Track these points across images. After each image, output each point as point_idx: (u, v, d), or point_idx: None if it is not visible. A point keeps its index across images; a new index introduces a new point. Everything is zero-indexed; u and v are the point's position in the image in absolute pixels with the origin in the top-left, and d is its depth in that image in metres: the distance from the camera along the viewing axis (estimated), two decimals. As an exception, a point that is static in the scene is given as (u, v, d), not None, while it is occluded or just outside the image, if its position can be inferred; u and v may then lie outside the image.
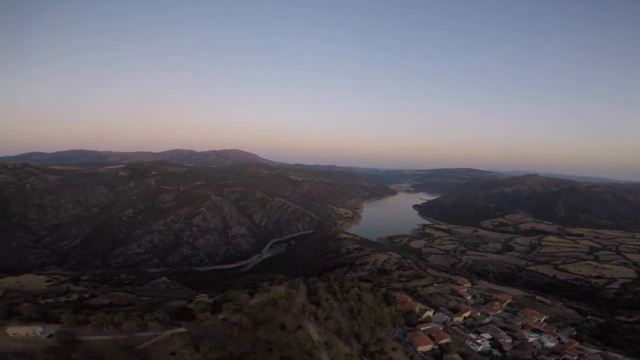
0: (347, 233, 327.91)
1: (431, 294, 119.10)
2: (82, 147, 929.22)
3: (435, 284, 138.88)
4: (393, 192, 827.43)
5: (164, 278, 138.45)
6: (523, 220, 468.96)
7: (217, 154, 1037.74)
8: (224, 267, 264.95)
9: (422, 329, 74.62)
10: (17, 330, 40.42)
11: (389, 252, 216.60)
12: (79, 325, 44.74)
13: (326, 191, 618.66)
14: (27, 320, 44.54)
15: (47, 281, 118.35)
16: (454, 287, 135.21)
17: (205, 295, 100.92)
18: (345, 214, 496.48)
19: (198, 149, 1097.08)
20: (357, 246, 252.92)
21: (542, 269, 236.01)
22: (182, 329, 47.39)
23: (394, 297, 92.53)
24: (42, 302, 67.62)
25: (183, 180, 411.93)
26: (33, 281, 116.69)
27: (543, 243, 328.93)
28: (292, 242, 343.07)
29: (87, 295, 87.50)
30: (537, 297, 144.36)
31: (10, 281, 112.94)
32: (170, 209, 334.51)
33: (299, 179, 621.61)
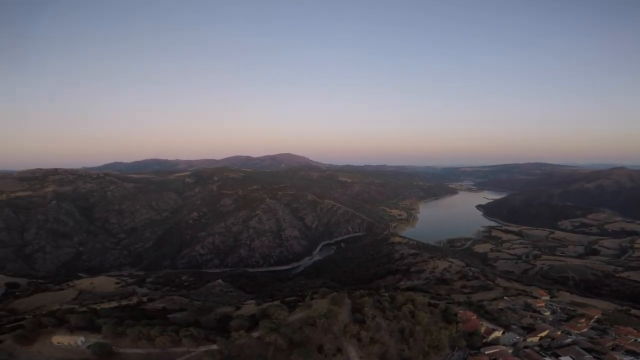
0: (401, 236, 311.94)
1: (501, 309, 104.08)
2: (155, 157, 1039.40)
3: (505, 297, 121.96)
4: (453, 191, 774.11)
5: (219, 280, 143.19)
6: (610, 220, 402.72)
7: (272, 158, 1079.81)
8: (277, 268, 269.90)
9: (486, 352, 63.59)
10: (61, 340, 41.69)
11: (450, 259, 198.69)
12: (117, 337, 45.04)
13: (377, 192, 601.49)
14: (74, 329, 46.06)
15: (117, 283, 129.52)
16: (528, 300, 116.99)
17: (252, 302, 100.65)
18: (399, 215, 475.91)
19: (255, 155, 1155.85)
20: (412, 251, 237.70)
21: (636, 275, 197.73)
22: (214, 347, 45.08)
23: (455, 315, 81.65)
24: (98, 307, 72.04)
25: (241, 184, 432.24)
26: (105, 283, 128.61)
27: (636, 245, 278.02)
28: (342, 244, 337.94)
29: (145, 299, 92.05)
30: (633, 311, 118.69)
31: (85, 283, 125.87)
32: (230, 212, 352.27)
33: (349, 180, 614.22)
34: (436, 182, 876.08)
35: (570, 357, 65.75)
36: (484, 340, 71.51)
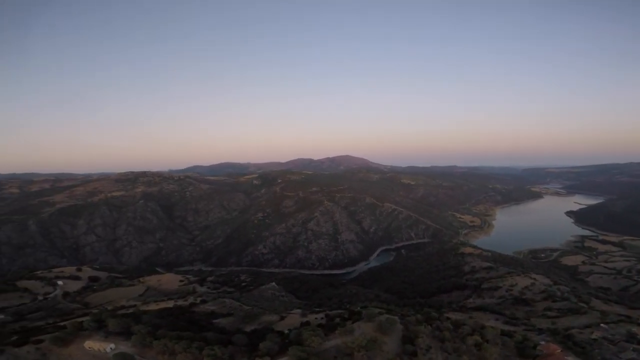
0: (473, 246, 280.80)
1: (595, 339, 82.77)
2: (229, 160, 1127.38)
3: (602, 324, 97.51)
4: (537, 196, 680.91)
5: (272, 284, 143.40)
6: None
7: (331, 160, 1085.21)
8: (332, 272, 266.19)
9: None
10: (92, 345, 41.84)
11: (533, 276, 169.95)
12: (145, 347, 43.97)
13: (446, 195, 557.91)
14: (109, 335, 46.34)
15: (180, 281, 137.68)
16: (633, 329, 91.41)
17: (299, 311, 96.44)
18: (471, 222, 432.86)
19: (315, 157, 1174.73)
20: (486, 264, 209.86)
21: None
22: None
23: (534, 347, 66.03)
24: (148, 307, 74.63)
25: (302, 187, 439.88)
26: (170, 280, 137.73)
27: None
28: (402, 251, 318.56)
29: (198, 301, 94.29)
30: None
31: (153, 280, 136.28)
32: (291, 213, 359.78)
33: (412, 183, 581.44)
34: (516, 184, 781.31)
35: None
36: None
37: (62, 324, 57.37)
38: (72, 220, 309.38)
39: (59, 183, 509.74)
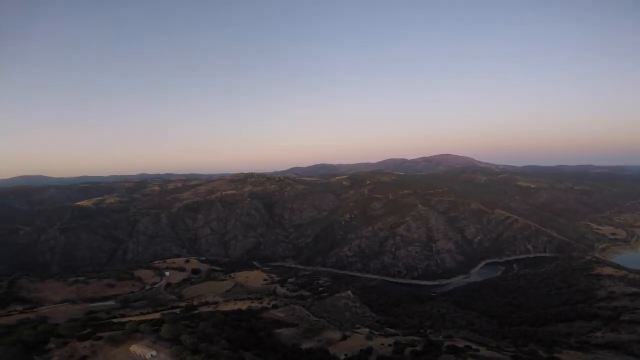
0: (614, 266, 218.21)
1: None
2: (323, 162, 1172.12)
3: None
4: None
5: (348, 293, 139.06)
6: None
7: (427, 160, 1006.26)
8: (421, 283, 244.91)
9: None
10: (136, 350, 45.36)
11: None
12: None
13: (578, 202, 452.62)
14: (159, 341, 49.96)
15: (265, 280, 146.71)
16: None
17: (365, 331, 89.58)
18: (613, 234, 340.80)
19: (409, 157, 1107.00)
20: (631, 290, 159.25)
21: None
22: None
23: None
24: (216, 309, 79.30)
25: (392, 189, 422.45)
26: (257, 278, 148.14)
27: None
28: (514, 266, 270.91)
29: (269, 306, 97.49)
30: None
31: (242, 276, 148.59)
32: (379, 216, 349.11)
33: (532, 186, 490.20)
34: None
35: None
36: None
37: (126, 321, 65.78)
38: (193, 215, 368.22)
39: (188, 182, 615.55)
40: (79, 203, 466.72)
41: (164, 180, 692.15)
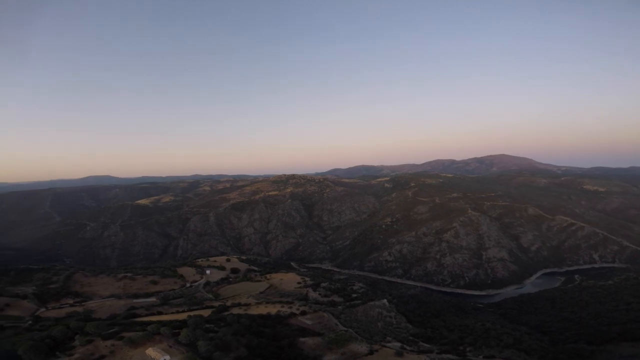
0: None
1: None
2: (363, 163, 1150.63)
3: None
4: None
5: (384, 301, 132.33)
6: None
7: (479, 161, 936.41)
8: (467, 292, 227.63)
9: None
10: (151, 353, 45.64)
11: None
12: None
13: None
14: (176, 345, 50.15)
15: (298, 283, 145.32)
16: None
17: (396, 346, 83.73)
18: None
19: (458, 157, 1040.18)
20: None
21: None
22: None
23: None
24: (244, 311, 78.98)
25: (439, 191, 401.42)
26: (290, 280, 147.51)
27: None
28: (575, 276, 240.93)
29: (298, 312, 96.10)
30: None
31: (277, 278, 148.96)
32: (423, 221, 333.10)
33: (601, 190, 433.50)
34: None
35: None
36: None
37: (155, 320, 67.63)
38: (238, 214, 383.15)
39: (236, 183, 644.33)
40: (138, 201, 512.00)
41: (214, 181, 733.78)
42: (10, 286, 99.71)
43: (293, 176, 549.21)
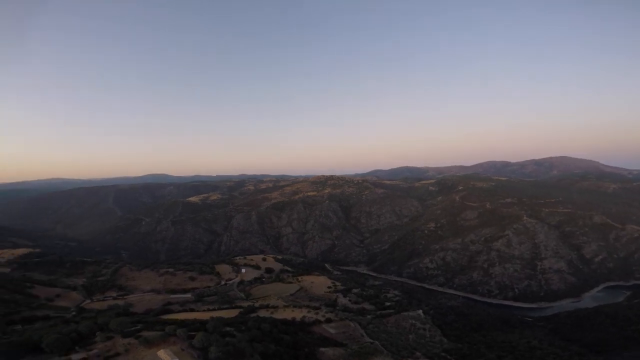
0: None
1: None
2: (407, 164, 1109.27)
3: None
4: None
5: (419, 312, 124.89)
6: None
7: (537, 163, 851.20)
8: (515, 304, 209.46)
9: None
10: (161, 354, 46.26)
11: None
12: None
13: None
14: (189, 348, 50.60)
15: (328, 287, 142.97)
16: None
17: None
18: None
19: (513, 159, 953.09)
20: None
21: None
22: None
23: None
24: (278, 314, 78.45)
25: (490, 196, 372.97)
26: (321, 284, 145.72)
27: None
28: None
29: (323, 319, 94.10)
30: None
31: (308, 280, 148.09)
32: (471, 227, 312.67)
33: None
34: None
35: None
36: None
37: (168, 318, 69.34)
38: (278, 214, 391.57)
39: (278, 183, 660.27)
40: (189, 199, 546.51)
41: (258, 181, 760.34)
42: (64, 277, 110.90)
43: (331, 177, 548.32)
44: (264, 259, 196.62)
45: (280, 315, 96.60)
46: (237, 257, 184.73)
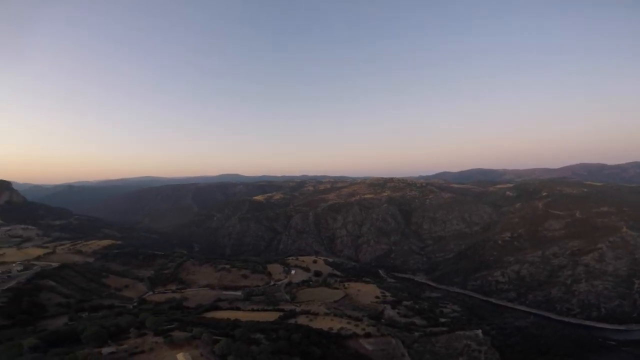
0: None
1: None
2: (479, 166, 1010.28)
3: None
4: None
5: (478, 332, 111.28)
6: None
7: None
8: (598, 325, 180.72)
9: None
10: (180, 357, 47.65)
11: None
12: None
13: None
14: (210, 355, 51.66)
15: (376, 297, 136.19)
16: None
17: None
18: None
19: (611, 161, 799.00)
20: None
21: None
22: None
23: None
24: (316, 323, 76.66)
25: (581, 204, 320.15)
26: (368, 293, 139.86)
27: None
28: None
29: (361, 334, 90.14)
30: None
31: (354, 288, 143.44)
32: (555, 239, 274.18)
33: None
34: None
35: None
36: None
37: (210, 316, 71.41)
38: (334, 215, 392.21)
39: (335, 184, 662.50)
40: (255, 197, 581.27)
41: (317, 182, 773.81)
42: (135, 269, 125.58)
43: (391, 179, 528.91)
44: (315, 261, 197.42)
45: (318, 323, 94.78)
46: (290, 258, 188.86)
